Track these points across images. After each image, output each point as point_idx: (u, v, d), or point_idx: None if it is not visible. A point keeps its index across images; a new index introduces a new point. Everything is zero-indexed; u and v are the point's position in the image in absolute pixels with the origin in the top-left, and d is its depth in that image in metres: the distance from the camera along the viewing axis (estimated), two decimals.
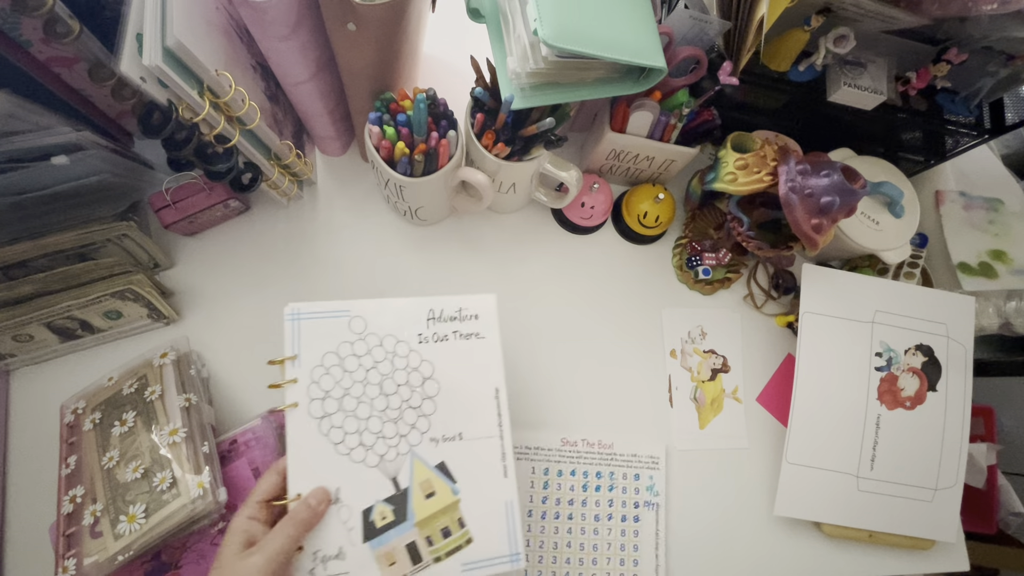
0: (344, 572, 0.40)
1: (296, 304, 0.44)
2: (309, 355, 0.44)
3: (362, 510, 0.42)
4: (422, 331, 0.46)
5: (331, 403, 0.43)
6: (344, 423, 0.43)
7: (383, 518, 0.42)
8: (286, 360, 0.43)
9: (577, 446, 0.59)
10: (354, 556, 0.41)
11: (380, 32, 0.45)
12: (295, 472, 0.41)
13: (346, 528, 0.41)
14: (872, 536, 0.60)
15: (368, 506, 0.42)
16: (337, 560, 0.40)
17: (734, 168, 0.57)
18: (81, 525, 0.43)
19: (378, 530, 0.42)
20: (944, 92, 0.62)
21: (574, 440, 0.59)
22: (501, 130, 0.51)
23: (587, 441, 0.59)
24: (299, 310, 0.44)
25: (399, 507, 0.42)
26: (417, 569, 0.42)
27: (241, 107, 0.45)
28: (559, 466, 0.59)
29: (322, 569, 0.40)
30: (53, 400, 0.50)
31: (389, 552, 0.41)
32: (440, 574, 0.42)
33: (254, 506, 0.39)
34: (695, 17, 0.52)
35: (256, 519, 0.39)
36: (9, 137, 0.41)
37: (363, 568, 0.41)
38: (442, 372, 0.46)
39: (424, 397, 0.45)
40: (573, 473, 0.59)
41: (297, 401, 0.42)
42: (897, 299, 0.63)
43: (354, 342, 0.45)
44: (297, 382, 0.43)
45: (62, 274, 0.49)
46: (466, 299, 0.48)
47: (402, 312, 0.47)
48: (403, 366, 0.45)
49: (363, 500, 0.42)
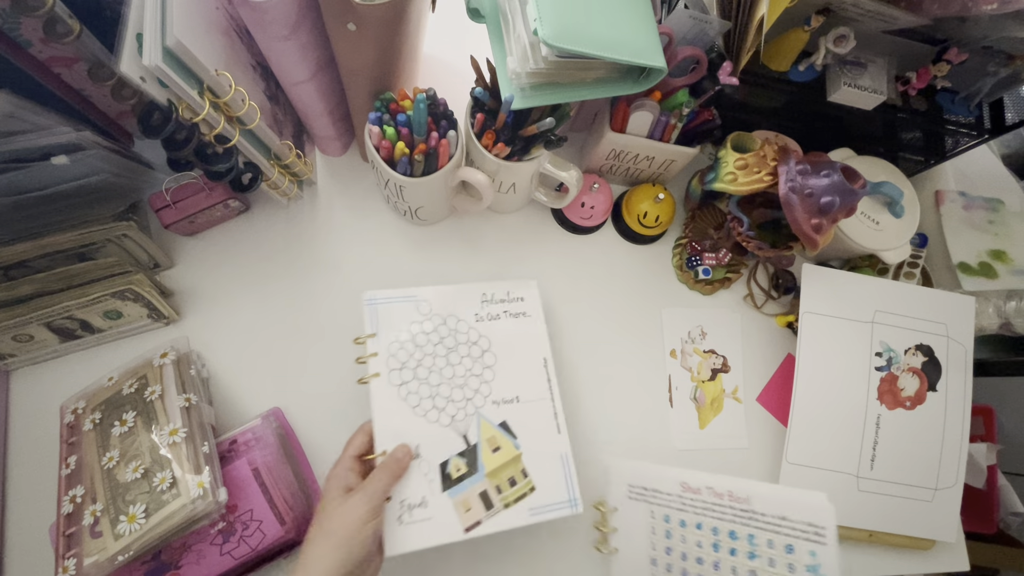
0: (427, 518, 0.46)
1: (372, 291, 0.52)
2: (386, 333, 0.51)
3: (439, 463, 0.48)
4: (477, 311, 0.55)
5: (407, 372, 0.50)
6: (419, 389, 0.50)
7: (458, 470, 0.48)
8: (368, 338, 0.50)
9: (701, 494, 0.51)
10: (435, 503, 0.46)
11: (380, 32, 0.45)
12: (380, 432, 0.47)
13: (427, 480, 0.47)
14: (872, 536, 0.60)
15: (444, 460, 0.48)
16: (420, 508, 0.46)
17: (734, 168, 0.57)
18: (81, 525, 0.43)
19: (454, 481, 0.48)
20: (944, 92, 0.62)
21: (696, 487, 0.51)
22: (501, 130, 0.51)
23: (714, 491, 0.51)
24: (375, 296, 0.52)
25: (471, 460, 0.49)
26: (490, 514, 0.48)
27: (241, 107, 0.45)
28: (681, 515, 0.52)
29: (408, 515, 0.45)
30: (53, 400, 0.50)
31: (465, 500, 0.47)
32: (511, 518, 0.48)
33: (348, 460, 0.44)
34: (695, 17, 0.52)
35: (352, 470, 0.44)
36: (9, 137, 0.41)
37: (443, 513, 0.46)
38: (497, 345, 0.54)
39: (484, 367, 0.53)
40: (700, 527, 0.51)
41: (379, 371, 0.49)
42: (897, 299, 0.63)
43: (422, 321, 0.53)
44: (378, 355, 0.50)
45: (62, 274, 0.49)
46: (512, 283, 0.57)
47: (460, 295, 0.55)
48: (464, 340, 0.53)
49: (440, 455, 0.48)
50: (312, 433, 0.55)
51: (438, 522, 0.46)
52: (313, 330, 0.58)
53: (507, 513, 0.48)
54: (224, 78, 0.42)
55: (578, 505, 0.50)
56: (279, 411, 0.55)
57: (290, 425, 0.55)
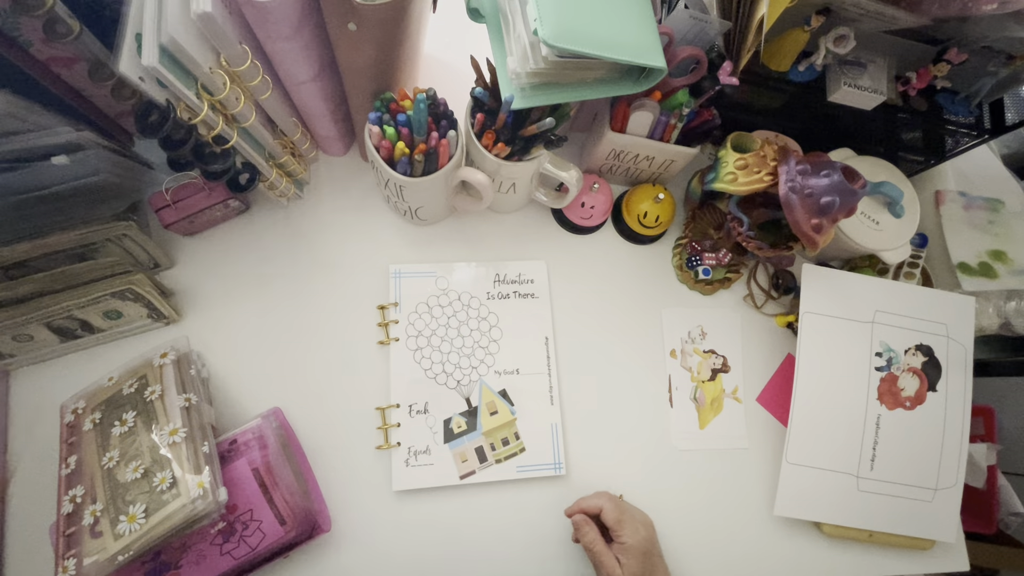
0: (430, 463, 0.54)
1: (397, 264, 0.60)
2: (407, 303, 0.59)
3: (443, 420, 0.56)
4: (489, 289, 0.61)
5: (423, 340, 0.58)
6: (431, 355, 0.58)
7: (459, 427, 0.56)
8: (391, 305, 0.59)
9: None
10: (437, 453, 0.55)
11: (381, 32, 0.45)
12: (396, 388, 0.56)
13: (431, 432, 0.55)
14: (872, 536, 0.60)
15: (448, 417, 0.56)
16: (425, 455, 0.55)
17: (734, 168, 0.57)
18: (81, 525, 0.43)
19: (455, 435, 0.56)
20: (944, 92, 0.62)
21: None
22: (501, 130, 0.51)
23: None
24: (400, 270, 0.60)
25: (470, 420, 0.57)
26: (483, 467, 0.55)
27: (235, 105, 0.45)
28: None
29: (414, 460, 0.54)
30: (53, 400, 0.50)
31: (462, 452, 0.55)
32: (500, 472, 0.56)
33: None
34: (695, 17, 0.52)
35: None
36: (9, 137, 0.41)
37: (443, 462, 0.55)
38: (504, 322, 0.60)
39: (490, 340, 0.60)
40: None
41: (399, 336, 0.58)
42: (897, 299, 0.63)
43: (439, 295, 0.60)
44: (398, 323, 0.58)
45: (62, 274, 0.48)
46: (524, 265, 0.63)
47: (475, 274, 0.62)
48: (475, 315, 0.60)
49: (444, 412, 0.56)
50: (312, 433, 0.55)
51: (438, 468, 0.54)
52: (313, 330, 0.58)
53: (498, 467, 0.56)
54: (218, 76, 0.42)
55: (562, 469, 0.57)
56: (279, 411, 0.55)
57: (290, 425, 0.55)
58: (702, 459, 0.61)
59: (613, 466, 0.59)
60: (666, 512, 0.58)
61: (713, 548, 0.59)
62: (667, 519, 0.58)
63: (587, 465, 0.59)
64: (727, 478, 0.61)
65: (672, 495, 0.60)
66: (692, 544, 0.59)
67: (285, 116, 0.53)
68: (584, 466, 0.59)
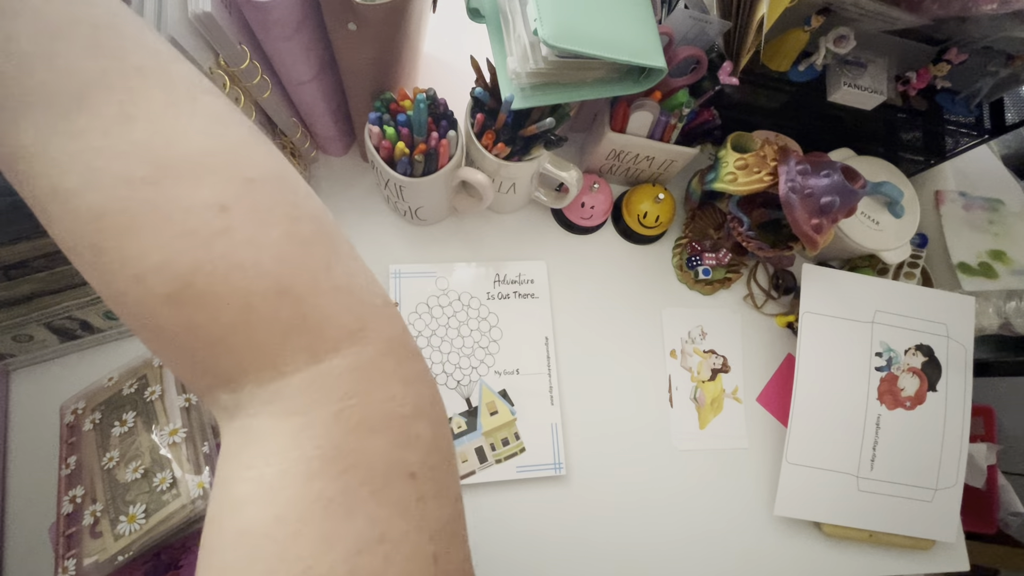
0: None
1: (397, 264, 0.59)
2: (407, 303, 0.58)
3: None
4: (489, 290, 0.61)
5: (423, 340, 0.58)
6: (431, 355, 0.57)
7: (459, 427, 0.56)
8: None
9: None
10: None
11: (380, 32, 0.45)
12: None
13: None
14: (872, 536, 0.60)
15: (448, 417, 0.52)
16: None
17: (734, 168, 0.57)
18: (81, 525, 0.43)
19: (455, 435, 0.55)
20: (944, 92, 0.62)
21: None
22: (501, 130, 0.51)
23: None
24: (400, 270, 0.59)
25: (470, 420, 0.56)
26: (483, 467, 0.55)
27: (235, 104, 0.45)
28: None
29: None
30: (53, 400, 0.50)
31: (462, 452, 0.55)
32: (500, 472, 0.55)
33: None
34: (695, 17, 0.52)
35: None
36: None
37: None
38: (504, 322, 0.60)
39: (490, 340, 0.59)
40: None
41: None
42: (897, 299, 0.63)
43: (439, 296, 0.59)
44: None
45: (62, 274, 0.48)
46: (524, 265, 0.63)
47: (475, 274, 0.61)
48: (475, 316, 0.60)
49: None
50: None
51: None
52: None
53: (497, 468, 0.55)
54: (218, 76, 0.42)
55: (562, 469, 0.56)
56: None
57: None
58: (702, 459, 0.61)
59: (613, 466, 0.59)
60: (666, 512, 0.58)
61: (713, 548, 0.59)
62: (667, 519, 0.58)
63: (587, 465, 0.59)
64: (727, 478, 0.61)
65: (672, 495, 0.60)
66: (692, 544, 0.59)
67: (285, 116, 0.53)
68: (584, 466, 0.59)
